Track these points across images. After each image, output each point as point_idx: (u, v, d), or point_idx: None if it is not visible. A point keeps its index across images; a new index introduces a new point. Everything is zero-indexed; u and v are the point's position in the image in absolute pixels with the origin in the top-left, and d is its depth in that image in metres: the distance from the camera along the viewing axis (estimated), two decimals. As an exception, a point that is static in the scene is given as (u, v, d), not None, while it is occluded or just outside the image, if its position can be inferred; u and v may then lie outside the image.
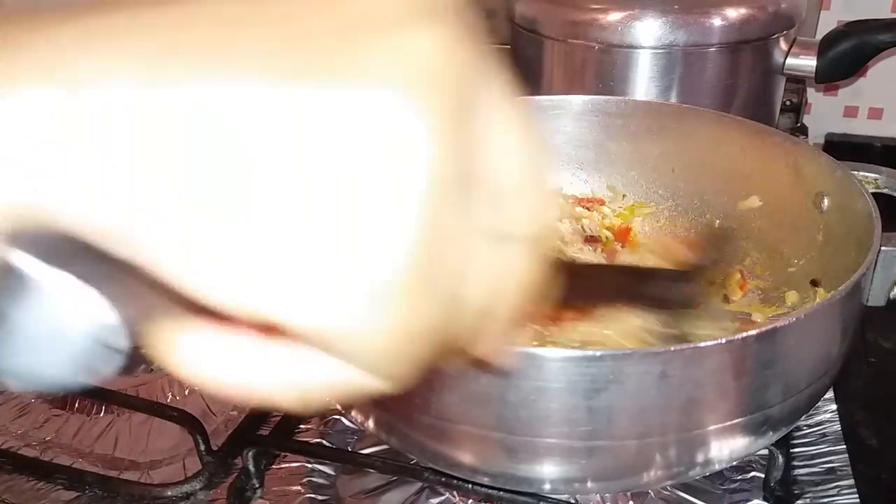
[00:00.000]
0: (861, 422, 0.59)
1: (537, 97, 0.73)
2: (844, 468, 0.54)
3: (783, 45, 0.84)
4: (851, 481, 0.52)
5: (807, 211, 0.59)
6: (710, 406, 0.42)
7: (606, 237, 0.70)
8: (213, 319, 0.19)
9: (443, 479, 0.51)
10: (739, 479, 0.53)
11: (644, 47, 0.79)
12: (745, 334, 0.39)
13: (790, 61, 0.85)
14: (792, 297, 0.60)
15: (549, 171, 0.18)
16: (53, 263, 0.17)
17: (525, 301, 0.23)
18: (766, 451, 0.51)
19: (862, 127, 1.07)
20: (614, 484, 0.48)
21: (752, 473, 0.53)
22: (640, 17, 0.78)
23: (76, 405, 0.63)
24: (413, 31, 0.17)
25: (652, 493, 0.52)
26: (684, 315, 0.50)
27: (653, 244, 0.69)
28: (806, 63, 0.84)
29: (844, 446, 0.55)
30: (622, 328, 0.52)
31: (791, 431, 0.55)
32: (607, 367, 0.39)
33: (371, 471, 0.55)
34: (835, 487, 0.52)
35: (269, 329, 0.18)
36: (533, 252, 0.22)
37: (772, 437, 0.47)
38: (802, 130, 1.05)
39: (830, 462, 0.54)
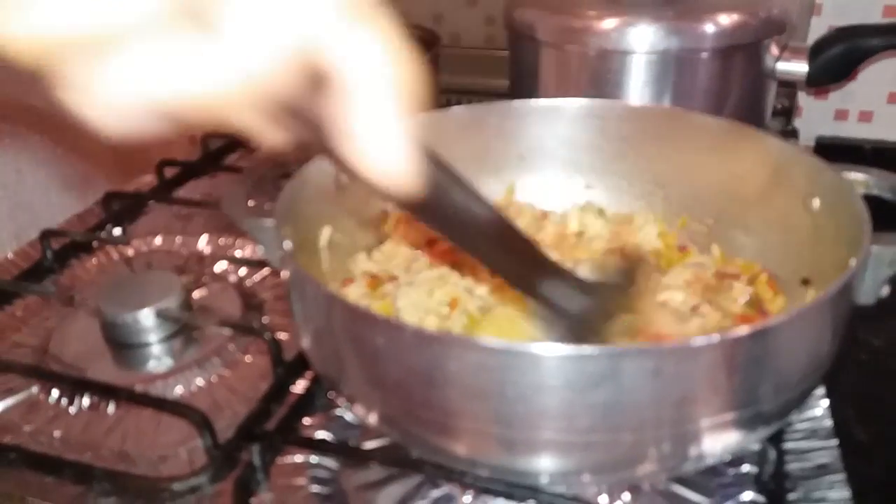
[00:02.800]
0: (852, 418, 0.59)
1: (534, 100, 0.74)
2: (835, 463, 0.54)
3: (774, 50, 0.85)
4: (842, 475, 0.53)
5: (798, 211, 0.60)
6: (703, 402, 0.42)
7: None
8: None
9: (443, 471, 0.52)
10: (733, 473, 0.54)
11: (638, 52, 0.80)
12: (737, 333, 0.40)
13: (781, 66, 0.86)
14: (781, 298, 0.61)
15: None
16: None
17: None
18: (758, 446, 0.52)
19: (852, 130, 1.08)
20: (610, 477, 0.48)
21: (745, 467, 0.54)
22: (635, 23, 0.79)
23: (84, 401, 0.64)
24: None
25: (647, 486, 0.53)
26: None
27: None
28: (797, 67, 0.85)
29: (836, 441, 0.56)
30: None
31: (783, 427, 0.56)
32: (603, 364, 0.39)
33: (373, 464, 0.56)
34: (826, 482, 0.53)
35: None
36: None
37: (764, 432, 0.48)
38: (793, 133, 1.06)
39: (822, 457, 0.55)
